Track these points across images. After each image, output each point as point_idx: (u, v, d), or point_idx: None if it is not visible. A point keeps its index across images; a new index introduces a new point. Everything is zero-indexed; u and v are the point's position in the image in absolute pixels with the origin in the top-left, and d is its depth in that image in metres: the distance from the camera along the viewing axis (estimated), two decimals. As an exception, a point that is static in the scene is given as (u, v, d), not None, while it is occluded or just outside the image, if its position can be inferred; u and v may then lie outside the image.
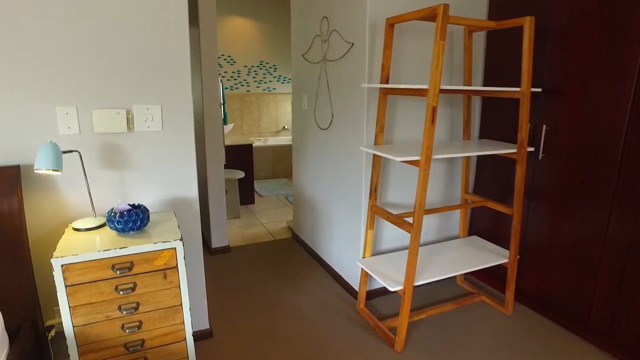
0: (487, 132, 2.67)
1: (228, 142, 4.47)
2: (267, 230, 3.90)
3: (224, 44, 5.85)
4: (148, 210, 1.68)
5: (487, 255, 2.41)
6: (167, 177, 1.95)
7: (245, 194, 4.63)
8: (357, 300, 2.60)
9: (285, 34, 6.17)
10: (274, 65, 6.22)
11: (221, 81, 3.53)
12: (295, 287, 2.83)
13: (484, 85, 2.64)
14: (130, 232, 1.62)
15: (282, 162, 5.89)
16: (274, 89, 6.30)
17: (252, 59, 6.07)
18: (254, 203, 4.69)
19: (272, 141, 6.35)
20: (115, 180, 1.85)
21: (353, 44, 2.40)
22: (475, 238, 2.71)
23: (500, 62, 2.52)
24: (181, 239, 1.59)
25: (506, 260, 2.36)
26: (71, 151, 1.63)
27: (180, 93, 1.89)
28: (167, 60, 1.84)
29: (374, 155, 2.28)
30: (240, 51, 5.98)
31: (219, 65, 5.87)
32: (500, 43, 2.51)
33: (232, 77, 6.00)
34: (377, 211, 2.29)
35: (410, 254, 2.00)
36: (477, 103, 2.70)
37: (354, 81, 2.43)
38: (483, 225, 2.79)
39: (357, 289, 2.65)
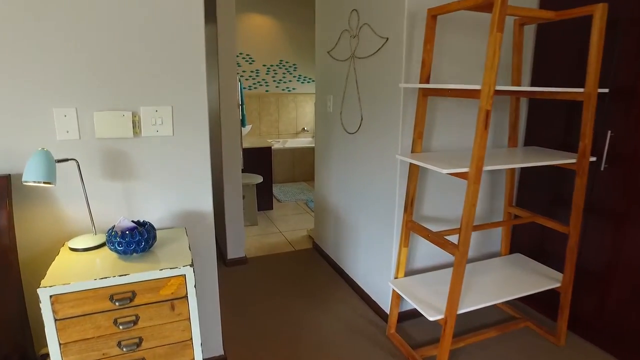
0: (534, 138, 2.38)
1: (246, 145, 4.26)
2: (286, 239, 3.67)
3: (242, 42, 5.65)
4: (154, 229, 1.45)
5: (536, 278, 2.12)
6: (178, 188, 1.72)
7: (263, 199, 4.40)
8: (387, 324, 2.33)
9: (306, 32, 5.94)
10: (293, 65, 5.99)
11: (239, 81, 3.31)
12: (317, 306, 2.58)
13: (532, 85, 2.35)
14: (134, 254, 1.39)
15: (301, 165, 5.66)
16: (293, 89, 6.07)
17: (271, 57, 5.86)
18: (272, 209, 4.46)
19: (291, 143, 6.12)
20: (119, 192, 1.63)
21: (387, 38, 2.14)
22: (519, 256, 2.41)
23: (552, 59, 2.22)
24: (192, 264, 1.35)
25: (559, 285, 2.07)
26: (67, 160, 1.42)
27: (194, 93, 1.66)
28: (180, 56, 1.61)
29: (411, 164, 2.01)
30: (259, 50, 5.77)
31: (237, 64, 5.67)
32: (552, 37, 2.21)
33: (250, 76, 5.79)
34: (414, 227, 2.02)
35: (454, 280, 1.73)
36: (522, 106, 2.41)
37: (388, 80, 2.17)
38: (527, 241, 2.49)
39: (386, 310, 2.39)
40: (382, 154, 2.28)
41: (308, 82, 6.13)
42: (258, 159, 4.31)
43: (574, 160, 1.88)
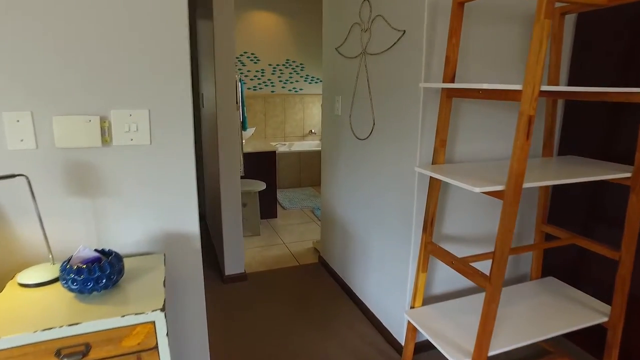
0: (570, 146, 2.08)
1: (248, 149, 4.00)
2: (290, 251, 3.39)
3: (247, 40, 5.40)
4: (121, 261, 1.18)
5: (578, 310, 1.82)
6: (157, 207, 1.46)
7: (267, 207, 4.14)
8: (400, 357, 2.05)
9: (314, 29, 5.67)
10: (300, 64, 5.72)
11: (240, 81, 3.05)
12: (322, 331, 2.30)
13: (570, 84, 2.05)
14: (94, 292, 1.13)
15: (308, 170, 5.39)
16: (300, 89, 5.80)
17: (277, 57, 5.59)
18: (276, 217, 4.20)
19: (298, 146, 5.85)
20: (86, 213, 1.37)
21: (404, 31, 1.86)
22: (553, 281, 2.11)
23: (594, 54, 1.92)
24: (163, 308, 1.08)
25: (606, 319, 1.77)
26: (13, 176, 1.16)
27: (176, 94, 1.40)
28: (160, 51, 1.35)
29: (432, 178, 1.72)
30: (265, 48, 5.51)
31: (242, 63, 5.42)
32: (596, 29, 1.91)
33: (255, 76, 5.53)
34: (434, 251, 1.73)
35: (485, 319, 1.44)
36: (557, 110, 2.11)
37: (405, 80, 1.89)
38: (560, 263, 2.19)
39: (400, 340, 2.11)
40: (398, 164, 2.00)
41: (316, 82, 5.86)
42: (261, 164, 4.05)
43: (628, 175, 1.58)
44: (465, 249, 2.07)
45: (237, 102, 3.18)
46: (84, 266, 1.09)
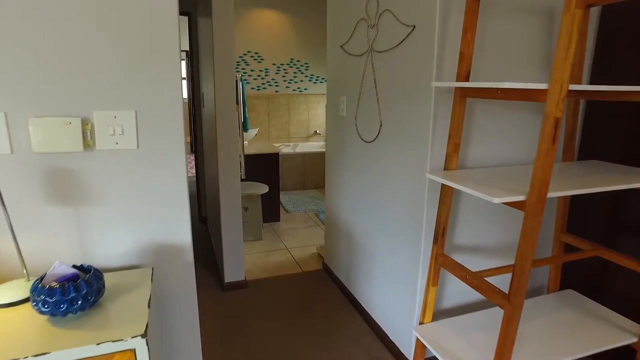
0: (591, 150, 1.94)
1: (251, 151, 3.88)
2: (292, 257, 3.27)
3: (250, 39, 5.29)
4: (101, 278, 1.07)
5: (603, 328, 1.68)
6: (146, 216, 1.34)
7: (270, 210, 4.02)
8: (409, 375, 1.92)
9: (319, 27, 5.54)
10: (305, 63, 5.60)
11: (241, 80, 2.93)
12: (326, 345, 2.17)
13: (592, 82, 1.91)
14: (69, 314, 1.01)
15: (312, 172, 5.26)
16: (305, 89, 5.68)
17: (281, 56, 5.48)
18: (279, 220, 4.08)
19: (302, 147, 5.73)
20: (67, 223, 1.26)
21: (414, 26, 1.73)
22: (572, 294, 1.97)
23: (619, 50, 1.78)
24: (144, 334, 0.97)
25: (635, 340, 1.63)
26: (-20, 185, 1.05)
27: (165, 95, 1.28)
28: (146, 46, 1.23)
29: (444, 185, 1.59)
30: (269, 47, 5.39)
31: (245, 62, 5.31)
32: (622, 23, 1.77)
33: (259, 76, 5.42)
34: (446, 263, 1.60)
35: (503, 341, 1.31)
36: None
37: (415, 78, 1.76)
38: (580, 274, 2.05)
39: (407, 355, 1.98)
40: (407, 169, 1.87)
41: (321, 82, 5.74)
42: (264, 167, 3.93)
43: (660, 183, 1.44)
44: (478, 260, 1.94)
45: (237, 103, 3.07)
46: (57, 285, 0.98)
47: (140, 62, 1.23)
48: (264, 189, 3.57)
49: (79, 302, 0.99)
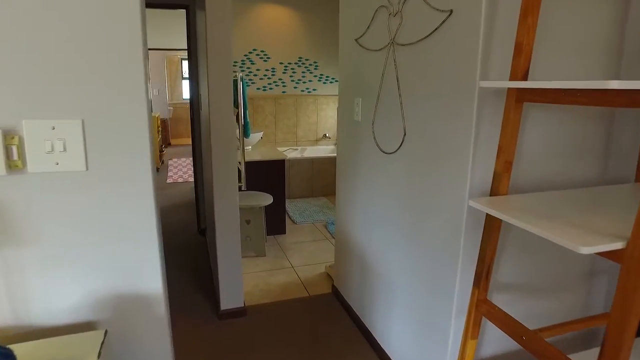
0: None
1: (255, 157, 3.55)
2: (298, 277, 2.93)
3: (256, 36, 4.96)
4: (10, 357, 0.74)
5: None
6: (100, 258, 1.01)
7: (275, 221, 3.68)
8: None
9: (329, 24, 5.20)
10: (314, 62, 5.26)
11: (242, 80, 2.60)
12: (336, 395, 1.83)
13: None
14: None
15: (321, 178, 4.92)
16: (314, 90, 5.34)
17: (289, 54, 5.14)
18: (284, 233, 3.74)
19: (311, 152, 5.39)
20: (-13, 271, 0.93)
21: (451, 11, 1.38)
22: None
23: None
24: None
25: None
26: None
27: (124, 99, 0.95)
28: (96, 35, 0.90)
29: (489, 215, 1.23)
30: (276, 45, 5.06)
31: (250, 61, 4.98)
32: None
33: (265, 75, 5.09)
34: (492, 314, 1.25)
35: None
36: (629, 117, 1.59)
37: (451, 77, 1.41)
38: None
39: (436, 414, 1.62)
40: (439, 190, 1.52)
41: (331, 82, 5.39)
42: (269, 174, 3.60)
43: None
44: (526, 303, 1.57)
45: (236, 105, 2.74)
46: None
47: (88, 54, 0.90)
48: (267, 199, 3.24)
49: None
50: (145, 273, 1.06)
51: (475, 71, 1.28)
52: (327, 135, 5.53)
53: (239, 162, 2.89)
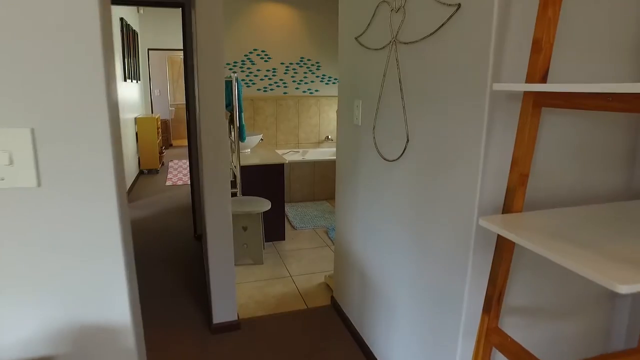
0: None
1: (254, 161, 3.42)
2: (297, 288, 2.80)
3: (257, 36, 4.84)
4: None
5: None
6: (56, 283, 0.88)
7: (274, 227, 3.55)
8: None
9: (331, 23, 5.07)
10: (316, 63, 5.13)
11: (237, 81, 2.47)
12: (332, 421, 1.70)
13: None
14: None
15: (323, 182, 4.79)
16: (316, 90, 5.21)
17: (290, 54, 5.02)
18: (284, 239, 3.61)
19: (312, 154, 5.26)
20: None
21: (459, 5, 1.24)
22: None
23: None
24: None
25: None
26: None
27: (82, 103, 0.82)
28: (48, 30, 0.77)
29: (502, 236, 1.09)
30: (277, 45, 4.94)
31: (251, 61, 4.86)
32: None
33: (265, 76, 4.97)
34: (504, 347, 1.11)
35: None
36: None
37: (459, 78, 1.27)
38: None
39: None
40: (444, 202, 1.38)
41: (333, 82, 5.26)
42: (268, 179, 3.47)
43: None
44: (540, 329, 1.43)
45: (232, 108, 2.62)
46: None
47: (40, 52, 0.78)
48: (266, 205, 3.11)
49: None
50: (110, 300, 0.94)
51: (487, 72, 1.15)
52: (329, 137, 5.39)
53: (234, 167, 2.76)
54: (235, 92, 2.50)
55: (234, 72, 4.83)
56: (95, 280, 0.91)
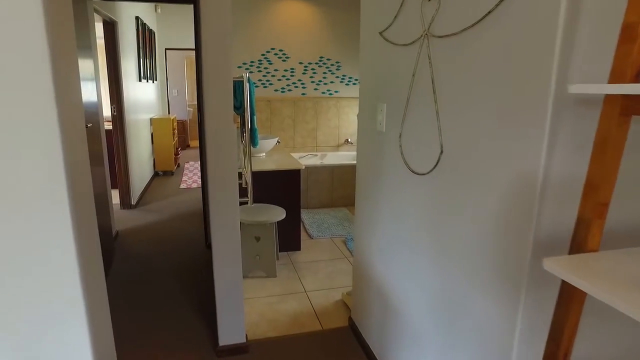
0: None
1: (269, 166, 3.23)
2: (311, 305, 2.58)
3: (274, 35, 4.65)
4: None
5: None
6: (2, 324, 0.69)
7: (289, 236, 3.35)
8: None
9: (352, 22, 4.84)
10: (336, 62, 4.91)
11: (248, 81, 2.28)
12: None
13: None
14: None
15: (342, 187, 4.56)
16: (335, 92, 4.99)
17: (309, 54, 4.81)
18: (299, 250, 3.40)
19: (331, 158, 5.04)
20: None
21: (513, -13, 1.00)
22: None
23: None
24: None
25: None
26: None
27: (25, 106, 0.62)
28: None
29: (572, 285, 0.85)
30: (295, 44, 4.74)
31: (268, 61, 4.68)
32: None
33: (283, 76, 4.78)
34: (572, 421, 0.86)
35: None
36: None
37: (510, 78, 1.03)
38: None
39: None
40: (489, 229, 1.14)
41: (354, 83, 5.03)
42: (284, 185, 3.26)
43: None
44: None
45: (243, 111, 2.42)
46: None
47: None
48: (280, 214, 2.90)
49: None
50: (66, 341, 0.74)
51: (550, 70, 0.90)
52: (349, 140, 5.17)
53: (244, 173, 2.57)
54: (247, 93, 2.30)
55: (250, 72, 4.65)
56: (47, 318, 0.71)
